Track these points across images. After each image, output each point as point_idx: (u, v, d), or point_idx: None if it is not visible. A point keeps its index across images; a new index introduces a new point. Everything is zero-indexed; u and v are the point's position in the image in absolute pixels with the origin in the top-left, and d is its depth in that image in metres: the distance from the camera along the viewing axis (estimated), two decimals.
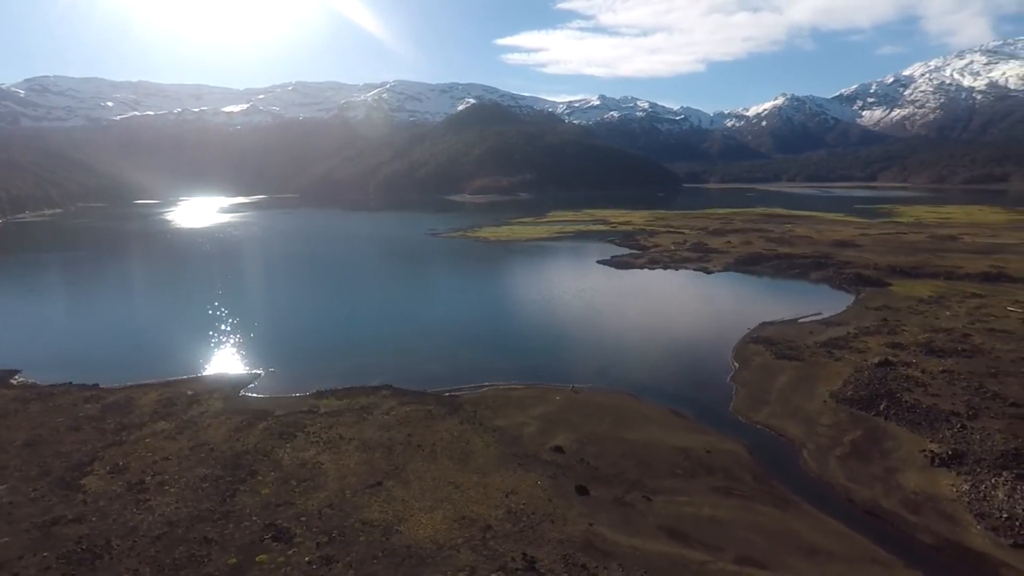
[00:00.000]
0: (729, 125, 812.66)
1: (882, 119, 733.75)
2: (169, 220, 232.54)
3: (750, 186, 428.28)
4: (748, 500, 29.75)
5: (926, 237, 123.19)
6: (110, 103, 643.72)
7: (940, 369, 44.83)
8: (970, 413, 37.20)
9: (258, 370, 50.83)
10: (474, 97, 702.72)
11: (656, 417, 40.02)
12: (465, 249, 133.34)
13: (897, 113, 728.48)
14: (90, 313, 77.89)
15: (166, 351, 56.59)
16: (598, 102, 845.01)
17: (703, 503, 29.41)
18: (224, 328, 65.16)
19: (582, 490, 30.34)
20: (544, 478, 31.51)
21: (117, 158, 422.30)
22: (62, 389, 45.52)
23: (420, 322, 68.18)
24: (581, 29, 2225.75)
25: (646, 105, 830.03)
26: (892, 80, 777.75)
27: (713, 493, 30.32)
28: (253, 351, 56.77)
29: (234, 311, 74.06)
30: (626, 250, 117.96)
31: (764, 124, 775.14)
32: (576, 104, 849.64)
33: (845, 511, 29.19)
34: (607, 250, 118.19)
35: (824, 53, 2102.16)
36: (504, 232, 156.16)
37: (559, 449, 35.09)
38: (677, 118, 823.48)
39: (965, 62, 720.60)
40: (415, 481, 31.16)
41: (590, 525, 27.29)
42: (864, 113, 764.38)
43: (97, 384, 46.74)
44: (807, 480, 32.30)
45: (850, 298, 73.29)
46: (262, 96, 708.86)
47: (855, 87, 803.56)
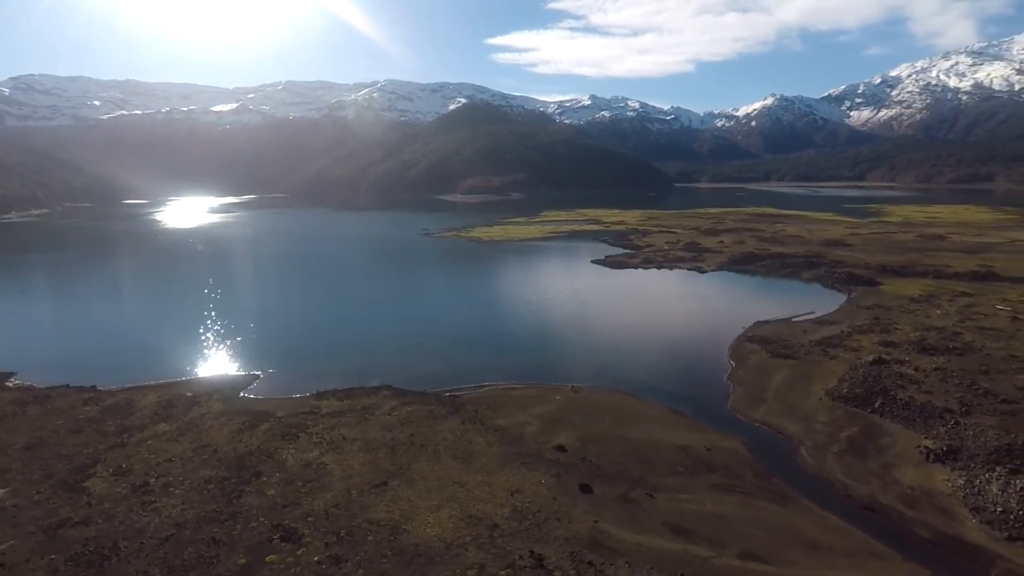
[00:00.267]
0: (719, 125, 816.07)
1: (870, 119, 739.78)
2: (158, 220, 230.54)
3: (740, 186, 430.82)
4: (749, 496, 30.26)
5: (915, 236, 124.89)
6: (97, 102, 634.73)
7: (933, 367, 45.67)
8: (963, 410, 37.98)
9: (257, 371, 50.83)
10: (465, 97, 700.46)
11: (656, 416, 40.51)
12: (459, 249, 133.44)
13: (885, 113, 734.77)
14: (84, 315, 77.27)
15: (163, 352, 56.39)
16: (589, 102, 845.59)
17: (705, 500, 29.88)
18: (220, 329, 64.99)
19: (586, 488, 30.71)
20: (548, 477, 31.85)
21: (104, 158, 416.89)
22: (60, 391, 45.30)
23: (417, 322, 68.30)
24: (572, 29, 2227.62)
25: (637, 105, 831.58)
26: (879, 81, 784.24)
27: (715, 490, 30.80)
28: (251, 352, 56.70)
29: (229, 312, 73.79)
30: (620, 250, 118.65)
31: (754, 124, 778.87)
32: (567, 104, 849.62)
33: (844, 507, 29.80)
34: (601, 250, 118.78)
35: (812, 54, 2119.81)
36: (497, 232, 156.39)
37: (561, 448, 35.45)
38: (667, 118, 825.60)
39: (951, 63, 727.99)
40: (420, 481, 31.39)
41: (595, 523, 27.65)
42: (852, 113, 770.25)
43: (95, 386, 46.58)
44: (806, 476, 32.90)
45: (842, 297, 74.27)
46: (252, 95, 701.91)
47: (843, 87, 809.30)
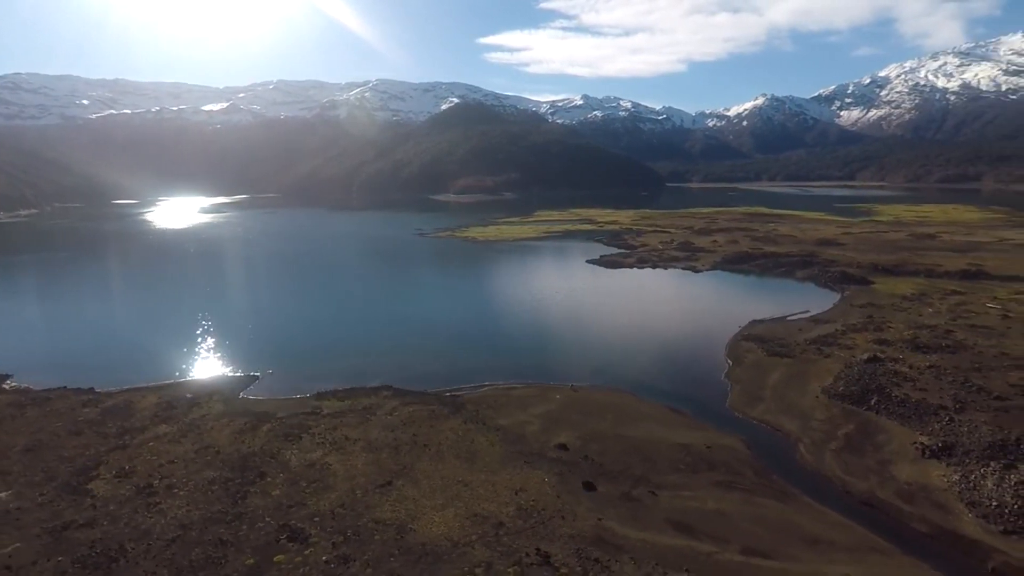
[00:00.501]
0: (711, 125, 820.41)
1: (859, 119, 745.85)
2: (149, 220, 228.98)
3: (732, 185, 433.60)
4: (750, 493, 30.68)
5: (906, 236, 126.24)
6: (85, 101, 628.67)
7: (926, 364, 46.35)
8: (957, 406, 38.63)
9: (255, 372, 50.77)
10: (457, 96, 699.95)
11: (655, 414, 40.90)
12: (454, 249, 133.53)
13: (874, 113, 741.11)
14: (78, 316, 76.67)
15: (159, 354, 56.18)
16: (581, 102, 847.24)
17: (707, 497, 30.27)
18: (217, 330, 64.77)
19: (589, 486, 31.03)
20: (551, 475, 32.13)
21: (93, 157, 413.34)
22: (58, 393, 45.08)
23: (415, 322, 68.42)
24: (564, 29, 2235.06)
25: (629, 105, 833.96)
26: (869, 81, 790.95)
27: (716, 487, 31.21)
28: (249, 353, 56.55)
29: (225, 313, 73.61)
30: (614, 249, 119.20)
31: (745, 124, 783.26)
32: (559, 104, 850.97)
33: (843, 502, 30.30)
34: (595, 249, 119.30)
35: (803, 54, 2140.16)
36: (491, 232, 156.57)
37: (563, 447, 35.74)
38: (659, 118, 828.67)
39: (939, 63, 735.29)
40: (424, 480, 31.57)
41: (599, 520, 27.96)
42: (842, 113, 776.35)
43: (92, 388, 46.38)
44: (805, 473, 33.38)
45: (835, 296, 75.06)
46: (242, 95, 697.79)
47: (833, 88, 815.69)
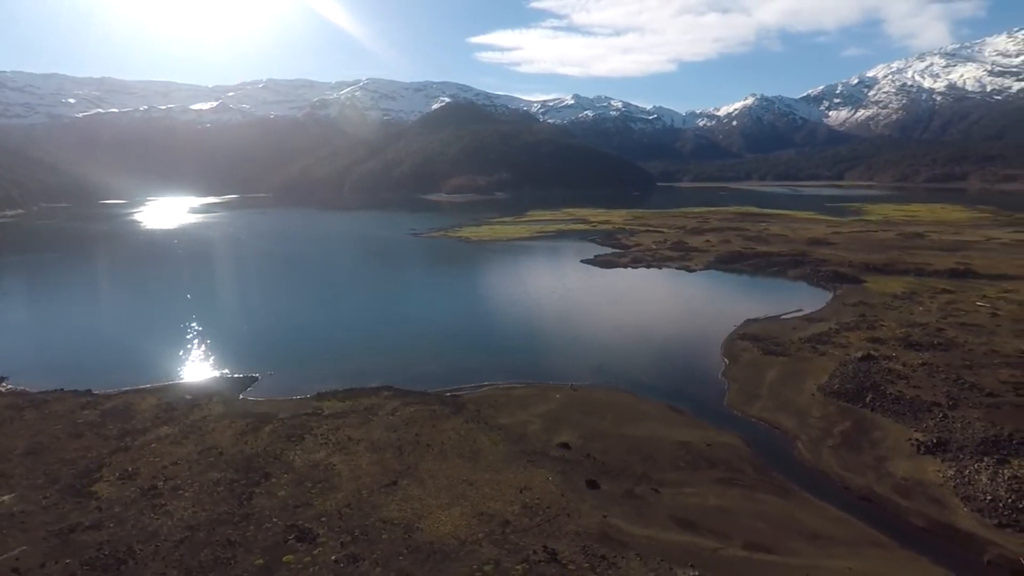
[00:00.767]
0: (701, 124, 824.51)
1: (848, 119, 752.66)
2: (139, 221, 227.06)
3: (722, 185, 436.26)
4: (750, 490, 31.18)
5: (895, 235, 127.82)
6: (72, 100, 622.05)
7: (919, 362, 47.16)
8: (950, 403, 39.39)
9: (254, 373, 50.72)
10: (448, 96, 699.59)
11: (655, 413, 41.34)
12: (448, 249, 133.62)
13: (862, 113, 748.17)
14: (71, 317, 76.06)
15: (156, 355, 55.96)
16: (572, 101, 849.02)
17: (708, 494, 30.74)
18: (213, 332, 64.54)
19: (592, 484, 31.40)
20: (554, 473, 32.47)
21: (80, 157, 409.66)
22: (55, 395, 44.85)
23: (412, 322, 68.55)
24: (554, 28, 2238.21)
25: (620, 105, 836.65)
26: (857, 81, 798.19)
27: (717, 484, 31.68)
28: (246, 354, 56.43)
29: (221, 314, 73.38)
30: (608, 249, 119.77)
31: (735, 124, 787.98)
32: (550, 103, 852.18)
33: (841, 498, 30.86)
34: (589, 249, 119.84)
35: (792, 54, 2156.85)
36: (485, 232, 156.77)
37: (565, 445, 36.10)
38: (650, 117, 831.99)
39: (925, 64, 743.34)
40: (429, 480, 31.81)
41: (604, 517, 28.34)
42: (831, 113, 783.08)
43: (90, 390, 46.21)
44: (803, 470, 33.93)
45: (828, 295, 75.97)
46: (232, 94, 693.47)
47: (822, 88, 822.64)
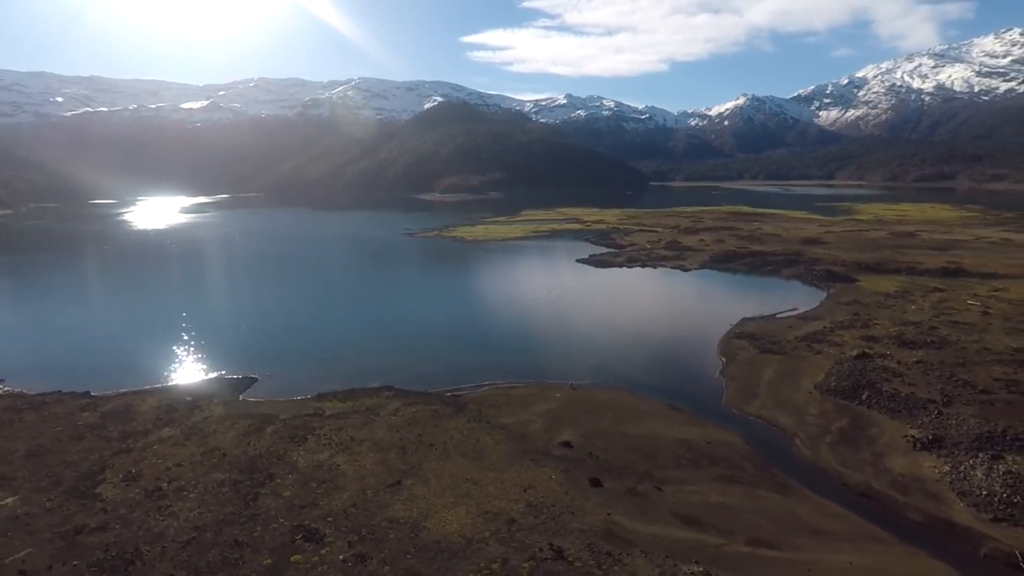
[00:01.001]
0: (693, 124, 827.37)
1: (838, 119, 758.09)
2: (129, 221, 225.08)
3: (714, 184, 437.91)
4: (751, 487, 31.61)
5: (887, 234, 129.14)
6: (60, 98, 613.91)
7: (913, 360, 47.85)
8: (945, 400, 40.06)
9: (254, 374, 50.66)
10: (441, 95, 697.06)
11: (654, 411, 41.73)
12: (443, 249, 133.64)
13: (852, 113, 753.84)
14: (66, 318, 75.49)
15: (154, 356, 55.74)
16: (565, 101, 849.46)
17: (710, 491, 31.14)
18: (210, 333, 64.37)
19: (596, 482, 31.73)
20: (557, 472, 32.77)
21: (69, 156, 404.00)
22: (54, 397, 44.64)
23: (410, 323, 68.62)
24: (547, 28, 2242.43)
25: (612, 104, 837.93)
26: (847, 81, 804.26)
27: (718, 481, 32.10)
28: (244, 355, 56.32)
29: (218, 315, 73.15)
30: (603, 249, 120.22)
31: (726, 123, 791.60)
32: (543, 103, 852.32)
33: (841, 494, 31.35)
34: (584, 249, 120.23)
35: (782, 54, 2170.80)
36: (480, 231, 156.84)
37: (567, 444, 36.42)
38: (642, 117, 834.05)
39: (914, 65, 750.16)
40: (433, 479, 32.01)
41: (608, 515, 28.66)
42: (821, 113, 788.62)
43: (88, 391, 46.05)
44: (802, 467, 34.42)
45: (822, 294, 76.75)
46: (223, 93, 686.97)
47: (812, 88, 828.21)
